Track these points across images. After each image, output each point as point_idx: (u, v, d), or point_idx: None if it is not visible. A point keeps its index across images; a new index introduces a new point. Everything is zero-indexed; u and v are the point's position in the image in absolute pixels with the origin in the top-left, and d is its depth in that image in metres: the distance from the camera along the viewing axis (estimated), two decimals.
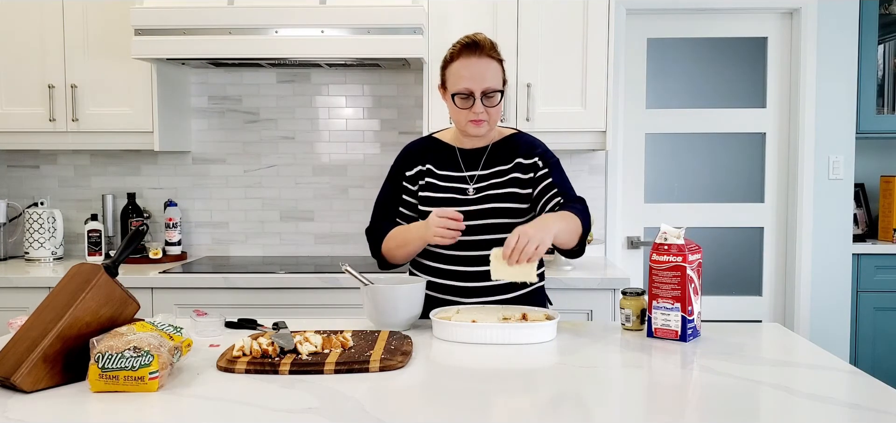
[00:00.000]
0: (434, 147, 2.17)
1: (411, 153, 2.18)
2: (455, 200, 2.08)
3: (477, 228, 2.06)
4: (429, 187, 2.12)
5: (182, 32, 2.91)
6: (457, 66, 2.03)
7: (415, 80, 3.47)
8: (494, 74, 2.03)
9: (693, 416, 1.36)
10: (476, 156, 2.13)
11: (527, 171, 2.10)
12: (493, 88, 2.02)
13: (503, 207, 2.07)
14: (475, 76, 2.00)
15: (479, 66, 2.01)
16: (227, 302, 2.91)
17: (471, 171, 2.12)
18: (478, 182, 2.10)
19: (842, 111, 3.55)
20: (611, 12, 3.08)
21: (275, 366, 1.55)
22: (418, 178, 2.14)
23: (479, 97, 2.01)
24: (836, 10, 3.52)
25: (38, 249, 3.33)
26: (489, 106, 2.02)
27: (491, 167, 2.11)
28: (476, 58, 2.01)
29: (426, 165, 2.14)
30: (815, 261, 3.58)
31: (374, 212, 2.20)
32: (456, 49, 2.04)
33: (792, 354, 1.77)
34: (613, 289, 2.91)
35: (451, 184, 2.10)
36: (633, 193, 3.66)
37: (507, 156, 2.12)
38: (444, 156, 2.15)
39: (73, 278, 1.58)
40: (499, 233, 2.06)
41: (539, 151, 2.13)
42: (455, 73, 2.03)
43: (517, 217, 2.08)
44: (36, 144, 3.23)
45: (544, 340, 1.82)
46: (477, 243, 2.07)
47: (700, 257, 1.86)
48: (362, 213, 3.53)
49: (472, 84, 2.00)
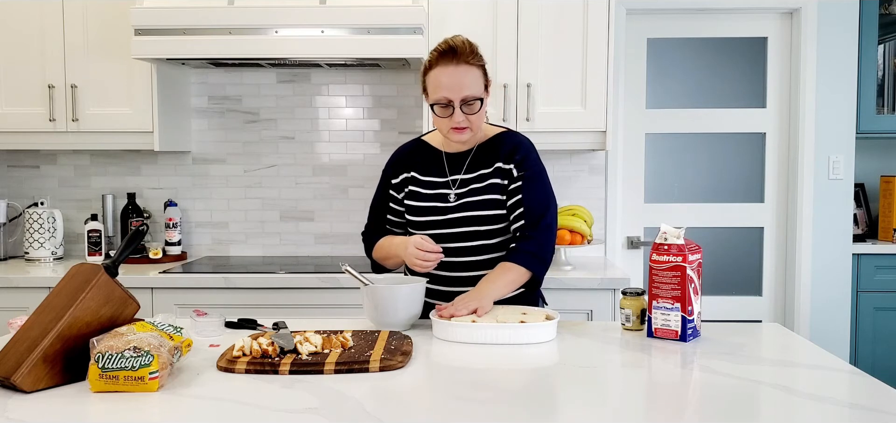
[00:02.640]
0: (420, 151, 2.17)
1: (397, 161, 2.19)
2: (436, 208, 2.08)
3: (457, 235, 2.07)
4: (412, 196, 2.13)
5: (182, 32, 2.90)
6: (435, 74, 1.99)
7: (415, 80, 3.47)
8: (473, 81, 1.99)
9: (693, 416, 1.36)
10: (460, 159, 2.12)
11: (504, 176, 2.08)
12: (472, 95, 1.98)
13: (481, 214, 2.05)
14: (453, 85, 1.96)
15: (456, 75, 1.96)
16: (227, 302, 2.91)
17: (454, 175, 2.11)
18: (459, 187, 2.09)
19: (842, 111, 3.55)
20: (611, 12, 3.08)
21: (275, 366, 1.55)
22: (403, 186, 2.15)
23: (458, 106, 1.98)
24: (836, 10, 3.51)
25: (38, 249, 3.33)
26: (469, 113, 1.99)
27: (473, 171, 2.10)
28: (454, 66, 1.97)
29: (411, 173, 2.14)
30: (815, 261, 3.58)
31: (369, 214, 2.25)
32: (433, 57, 2.00)
33: (792, 354, 1.77)
34: (613, 289, 2.91)
35: (434, 191, 2.10)
36: (633, 193, 3.66)
37: (489, 159, 2.10)
38: (430, 160, 2.15)
39: (73, 279, 1.58)
40: (478, 240, 2.07)
41: (518, 157, 2.08)
42: (433, 81, 2.00)
43: (496, 224, 2.07)
44: (36, 144, 3.23)
45: (544, 340, 1.82)
46: (458, 250, 2.08)
47: (700, 257, 1.86)
48: (362, 213, 3.51)
49: (450, 93, 1.97)
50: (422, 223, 2.10)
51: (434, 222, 2.09)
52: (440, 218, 2.08)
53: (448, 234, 2.07)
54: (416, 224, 2.12)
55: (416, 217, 2.12)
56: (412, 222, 2.13)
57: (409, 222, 2.14)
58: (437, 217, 2.08)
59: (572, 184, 3.50)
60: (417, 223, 2.12)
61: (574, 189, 3.50)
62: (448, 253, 2.05)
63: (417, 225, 2.12)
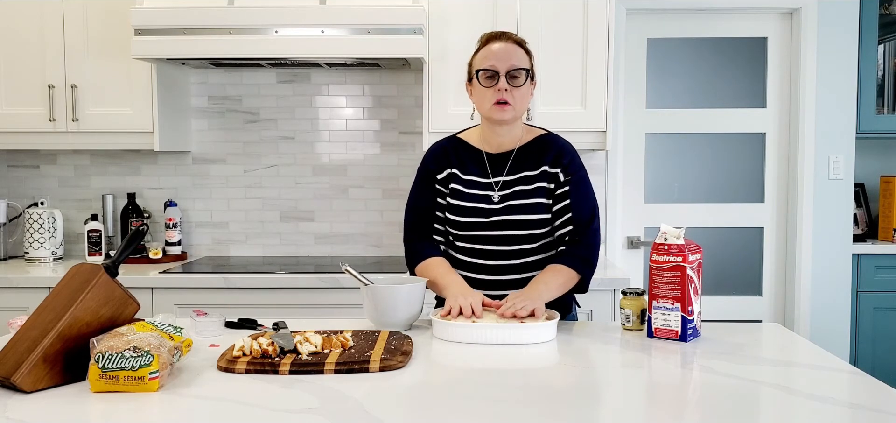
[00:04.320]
0: (459, 148, 2.12)
1: (439, 154, 2.12)
2: (479, 209, 2.05)
3: (500, 238, 2.04)
4: (454, 194, 2.08)
5: (182, 32, 2.91)
6: (484, 50, 2.03)
7: (415, 80, 3.47)
8: (521, 57, 2.01)
9: (693, 416, 1.36)
10: (502, 160, 2.08)
11: (551, 180, 2.06)
12: (518, 66, 1.99)
13: (527, 218, 2.03)
14: (501, 55, 1.99)
15: (506, 49, 2.01)
16: (227, 302, 2.91)
17: (496, 176, 2.07)
18: (502, 189, 2.06)
19: (842, 111, 3.55)
20: (611, 12, 3.08)
21: (275, 366, 1.55)
22: (448, 181, 2.10)
23: (503, 75, 1.98)
24: (836, 10, 3.51)
25: (38, 249, 3.33)
26: (514, 86, 1.99)
27: (517, 173, 2.06)
28: (504, 42, 2.02)
29: (453, 169, 2.10)
30: (815, 261, 3.58)
31: (410, 218, 2.14)
32: (484, 37, 2.06)
33: (792, 354, 1.77)
34: (613, 289, 2.91)
35: (476, 191, 2.06)
36: (633, 193, 3.66)
37: (534, 161, 2.07)
38: (470, 159, 2.10)
39: (73, 279, 1.58)
40: (522, 244, 2.04)
41: (565, 161, 2.07)
42: (482, 54, 2.03)
43: (541, 228, 2.04)
44: (36, 144, 3.23)
45: (544, 340, 1.82)
46: (500, 253, 2.05)
47: (700, 257, 1.86)
48: (362, 213, 3.53)
49: (497, 62, 1.99)
50: (465, 224, 2.05)
51: (478, 223, 2.04)
52: (484, 219, 2.03)
53: (491, 236, 2.03)
54: (459, 225, 2.06)
55: (458, 217, 2.06)
56: (454, 223, 2.07)
57: (450, 221, 2.08)
58: (480, 219, 2.04)
59: None
60: (460, 224, 2.06)
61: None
62: (487, 256, 2.05)
63: (460, 226, 2.06)
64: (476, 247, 2.06)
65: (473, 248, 2.07)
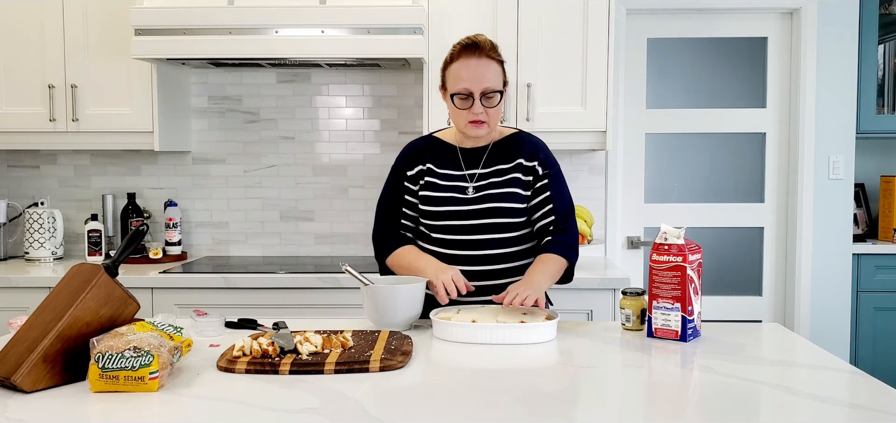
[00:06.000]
0: (434, 146, 2.17)
1: (411, 153, 2.18)
2: (454, 199, 2.08)
3: (476, 227, 2.07)
4: (429, 187, 2.11)
5: (182, 32, 2.91)
6: (456, 67, 2.03)
7: (415, 80, 3.47)
8: (494, 75, 2.03)
9: (693, 416, 1.36)
10: (477, 155, 2.13)
11: (527, 173, 2.11)
12: (492, 88, 2.02)
13: (502, 206, 2.07)
14: (474, 77, 2.00)
15: (478, 68, 2.01)
16: (227, 302, 2.91)
17: (471, 169, 2.12)
18: (478, 181, 2.10)
19: (842, 111, 3.55)
20: (611, 12, 3.08)
21: (275, 366, 1.55)
22: (419, 177, 2.14)
23: (477, 98, 2.01)
24: (836, 10, 3.51)
25: (38, 249, 3.33)
26: (488, 107, 2.02)
27: (491, 166, 2.11)
28: (476, 59, 2.02)
29: (426, 165, 2.14)
30: (815, 261, 3.58)
31: (378, 213, 2.20)
32: (456, 50, 2.05)
33: (792, 354, 1.77)
34: (613, 289, 2.91)
35: (451, 183, 2.10)
36: (633, 193, 3.66)
37: (508, 155, 2.12)
38: (445, 154, 2.15)
39: (73, 279, 1.58)
40: (498, 232, 2.07)
41: (541, 155, 2.13)
42: (454, 73, 2.03)
43: (515, 218, 2.09)
44: (36, 144, 3.23)
45: (544, 340, 1.82)
46: (476, 243, 2.08)
47: (700, 257, 1.86)
48: (362, 213, 3.53)
49: (470, 85, 2.00)
50: (439, 214, 2.09)
51: (452, 213, 2.07)
52: (458, 209, 2.07)
53: (466, 226, 2.06)
54: (433, 215, 2.09)
55: (432, 207, 2.09)
56: (428, 214, 2.10)
57: (425, 213, 2.11)
58: (454, 208, 2.07)
59: (572, 184, 3.42)
60: (434, 214, 2.09)
61: (574, 189, 3.42)
62: (465, 247, 2.07)
63: (434, 216, 2.09)
64: (452, 238, 2.09)
65: (449, 239, 2.10)
